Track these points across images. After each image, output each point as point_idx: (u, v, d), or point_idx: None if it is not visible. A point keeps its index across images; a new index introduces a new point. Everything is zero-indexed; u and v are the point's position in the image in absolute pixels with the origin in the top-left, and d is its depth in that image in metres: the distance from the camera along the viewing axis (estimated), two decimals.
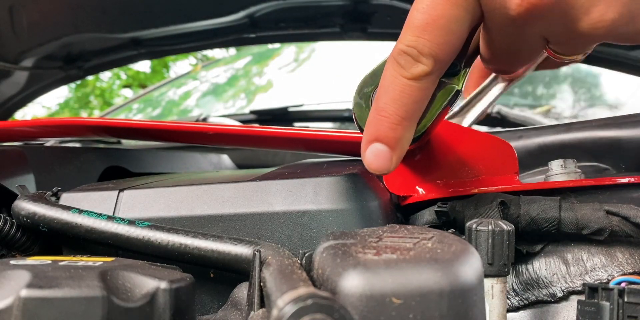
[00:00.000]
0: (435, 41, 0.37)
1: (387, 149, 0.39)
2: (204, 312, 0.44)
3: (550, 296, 0.45)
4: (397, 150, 0.40)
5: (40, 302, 0.28)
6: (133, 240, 0.42)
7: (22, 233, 0.46)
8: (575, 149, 0.56)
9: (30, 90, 1.43)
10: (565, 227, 0.45)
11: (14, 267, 0.31)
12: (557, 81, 1.82)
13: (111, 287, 0.30)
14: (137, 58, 1.50)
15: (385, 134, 0.39)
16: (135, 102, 2.15)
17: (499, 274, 0.38)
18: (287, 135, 0.55)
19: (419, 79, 0.38)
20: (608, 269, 0.45)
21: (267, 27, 1.35)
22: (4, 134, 0.69)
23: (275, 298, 0.27)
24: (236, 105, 2.07)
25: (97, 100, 6.94)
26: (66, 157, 0.62)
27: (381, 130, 0.39)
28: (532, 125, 0.92)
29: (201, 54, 5.79)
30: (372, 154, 0.40)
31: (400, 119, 0.39)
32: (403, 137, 0.39)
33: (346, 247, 0.31)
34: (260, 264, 0.35)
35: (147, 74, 6.85)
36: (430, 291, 0.26)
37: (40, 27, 1.23)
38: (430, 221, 0.49)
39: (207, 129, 0.57)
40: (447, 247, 0.30)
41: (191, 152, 0.95)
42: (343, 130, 0.54)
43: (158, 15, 1.30)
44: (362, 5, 1.26)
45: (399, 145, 0.39)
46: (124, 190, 0.48)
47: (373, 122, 0.40)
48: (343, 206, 0.44)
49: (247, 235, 0.44)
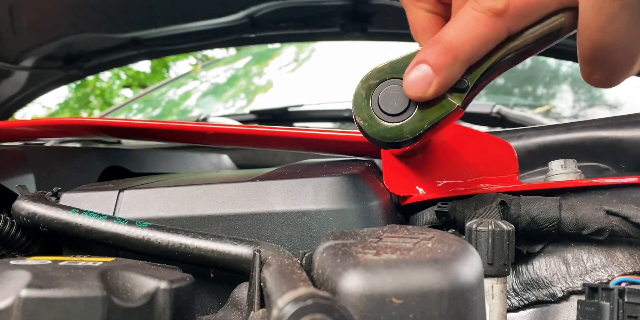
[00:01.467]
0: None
1: (432, 72, 0.39)
2: (204, 312, 0.44)
3: (550, 296, 0.45)
4: (440, 76, 0.39)
5: (40, 302, 0.28)
6: (133, 240, 0.42)
7: (22, 233, 0.46)
8: (575, 149, 0.56)
9: (30, 90, 1.43)
10: (565, 227, 0.45)
11: (14, 267, 0.31)
12: (557, 81, 1.82)
13: (111, 287, 0.30)
14: (137, 58, 1.50)
15: (435, 56, 0.39)
16: (135, 102, 2.15)
17: (499, 274, 0.38)
18: (287, 135, 0.55)
19: (488, 14, 0.38)
20: (608, 269, 0.45)
21: (267, 27, 1.35)
22: (4, 134, 0.69)
23: (275, 298, 0.27)
24: (236, 105, 2.07)
25: (97, 100, 6.94)
26: (66, 157, 0.62)
27: (433, 53, 0.39)
28: (532, 125, 0.92)
29: (201, 54, 5.80)
30: (414, 74, 0.39)
31: (455, 47, 0.39)
32: (451, 66, 0.39)
33: (346, 247, 0.31)
34: (261, 264, 0.35)
35: (147, 74, 6.85)
36: (430, 291, 0.26)
37: (40, 27, 1.23)
38: (430, 221, 0.49)
39: (207, 129, 0.57)
40: (447, 247, 0.30)
41: (191, 152, 0.95)
42: (343, 130, 0.54)
43: (158, 15, 1.30)
44: (362, 5, 1.26)
45: (444, 72, 0.39)
46: (124, 190, 0.48)
47: (428, 45, 0.40)
48: (343, 206, 0.44)
49: (247, 235, 0.44)
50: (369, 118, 0.42)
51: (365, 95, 0.42)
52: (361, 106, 0.42)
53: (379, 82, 0.42)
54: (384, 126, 0.41)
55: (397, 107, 0.41)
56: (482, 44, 0.39)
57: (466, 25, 0.39)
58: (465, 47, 0.39)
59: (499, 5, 0.38)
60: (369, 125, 0.42)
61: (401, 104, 0.41)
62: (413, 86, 0.40)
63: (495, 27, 0.38)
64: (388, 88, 0.42)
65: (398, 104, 0.41)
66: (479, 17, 0.38)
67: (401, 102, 0.41)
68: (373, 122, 0.41)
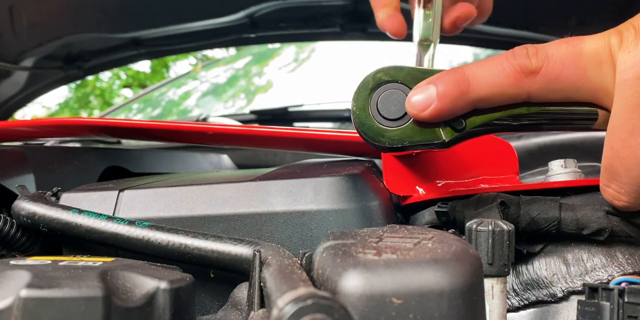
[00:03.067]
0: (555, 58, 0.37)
1: (435, 96, 0.39)
2: (204, 312, 0.44)
3: (550, 296, 0.45)
4: (441, 104, 0.39)
5: (40, 302, 0.28)
6: (133, 240, 0.42)
7: (22, 233, 0.46)
8: (575, 149, 0.56)
9: (30, 90, 1.43)
10: (565, 227, 0.45)
11: (14, 267, 0.31)
12: None
13: (111, 287, 0.30)
14: (137, 58, 1.50)
15: (446, 84, 0.39)
16: (135, 102, 2.15)
17: (499, 274, 0.38)
18: (287, 135, 0.55)
19: (517, 69, 0.38)
20: (608, 269, 0.45)
21: (267, 27, 1.35)
22: (4, 134, 0.69)
23: (275, 298, 0.27)
24: (236, 105, 2.07)
25: (97, 100, 6.94)
26: (66, 157, 0.62)
27: (446, 80, 0.39)
28: None
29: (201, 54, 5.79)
30: (420, 92, 0.40)
31: (468, 83, 0.38)
32: (455, 99, 0.39)
33: (346, 247, 0.31)
34: (260, 264, 0.35)
35: (147, 74, 6.85)
36: (430, 291, 0.26)
37: (40, 27, 1.23)
38: (430, 221, 0.49)
39: (207, 129, 0.57)
40: (447, 247, 0.30)
41: (191, 152, 0.95)
42: (343, 130, 0.54)
43: (158, 15, 1.30)
44: (362, 5, 1.26)
45: (446, 101, 0.39)
46: (124, 190, 0.48)
47: (449, 71, 0.40)
48: (343, 206, 0.44)
49: (247, 235, 0.44)
50: (366, 121, 0.42)
51: (365, 97, 0.42)
52: (359, 108, 0.42)
53: (379, 85, 0.42)
54: (380, 130, 0.42)
55: (395, 113, 0.42)
56: (495, 93, 0.39)
57: (490, 69, 0.38)
58: (478, 87, 0.38)
59: (531, 65, 0.37)
60: (366, 128, 0.42)
61: (398, 112, 0.42)
62: (414, 101, 0.40)
63: (517, 84, 0.38)
64: (389, 92, 0.42)
65: (396, 109, 0.42)
66: (507, 68, 0.38)
67: (399, 109, 0.42)
68: (369, 125, 0.42)
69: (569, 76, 0.37)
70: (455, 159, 0.50)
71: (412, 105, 0.40)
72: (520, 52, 0.38)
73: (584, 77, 0.37)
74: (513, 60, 0.38)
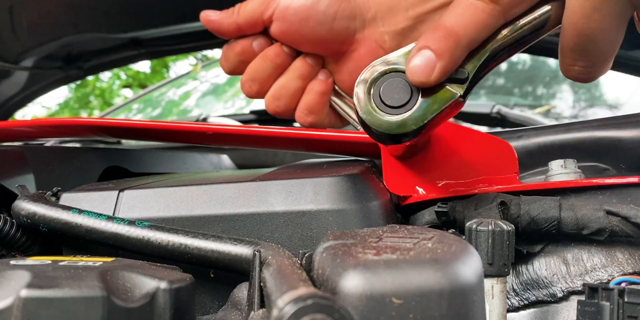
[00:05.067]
0: None
1: (434, 57, 0.40)
2: (204, 312, 0.44)
3: (550, 296, 0.45)
4: (444, 60, 0.40)
5: (40, 302, 0.28)
6: (133, 240, 0.42)
7: (22, 233, 0.46)
8: (575, 149, 0.56)
9: (30, 90, 1.43)
10: (565, 227, 0.45)
11: (14, 267, 0.31)
12: (557, 81, 1.82)
13: (111, 287, 0.30)
14: (137, 58, 1.50)
15: (436, 42, 0.40)
16: (135, 102, 2.14)
17: (499, 274, 0.38)
18: (287, 135, 0.55)
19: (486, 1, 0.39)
20: (608, 269, 0.45)
21: None
22: (4, 134, 0.69)
23: (275, 298, 0.27)
24: (236, 105, 2.07)
25: (97, 100, 6.94)
26: (66, 157, 0.62)
27: (434, 39, 0.40)
28: (532, 125, 0.92)
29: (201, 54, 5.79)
30: (417, 60, 0.40)
31: (455, 32, 0.40)
32: (454, 51, 0.40)
33: (346, 247, 0.31)
34: (261, 264, 0.35)
35: (147, 74, 6.85)
36: (430, 291, 0.26)
37: (40, 27, 1.23)
38: (430, 221, 0.49)
39: (207, 129, 0.57)
40: (447, 247, 0.30)
41: (191, 152, 0.95)
42: (343, 130, 0.54)
43: (158, 15, 1.30)
44: None
45: (447, 56, 0.40)
46: (124, 190, 0.48)
47: (429, 32, 0.41)
48: (343, 206, 0.44)
49: (247, 235, 0.44)
50: (371, 111, 0.42)
51: (367, 89, 0.42)
52: (363, 100, 0.42)
53: (380, 76, 0.42)
54: (386, 119, 0.41)
55: (399, 100, 0.41)
56: (481, 29, 0.40)
57: (465, 12, 0.40)
58: (465, 31, 0.40)
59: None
60: (372, 119, 0.41)
61: (403, 96, 0.41)
62: (417, 71, 0.40)
63: (493, 13, 0.40)
64: (389, 81, 0.42)
65: (400, 96, 0.41)
66: (477, 4, 0.40)
67: (403, 94, 0.41)
68: (376, 116, 0.41)
69: None
70: (455, 159, 0.50)
71: (416, 74, 0.40)
72: None
73: None
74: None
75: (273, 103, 0.56)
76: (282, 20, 0.52)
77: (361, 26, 0.53)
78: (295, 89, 0.55)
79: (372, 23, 0.52)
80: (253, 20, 0.54)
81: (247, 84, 0.56)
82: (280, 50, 0.55)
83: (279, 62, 0.55)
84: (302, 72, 0.55)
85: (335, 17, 0.52)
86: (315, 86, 0.55)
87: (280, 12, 0.52)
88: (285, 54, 0.55)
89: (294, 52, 0.55)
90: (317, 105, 0.55)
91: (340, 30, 0.52)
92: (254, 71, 0.55)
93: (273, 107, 0.57)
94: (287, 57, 0.55)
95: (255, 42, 0.55)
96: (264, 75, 0.55)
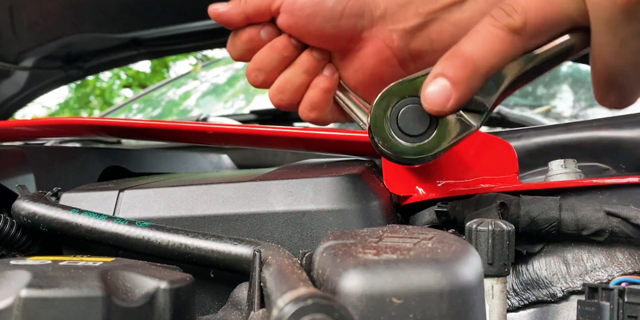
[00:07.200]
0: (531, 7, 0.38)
1: (450, 86, 0.39)
2: (204, 312, 0.44)
3: (550, 296, 0.45)
4: (460, 90, 0.39)
5: (40, 302, 0.28)
6: (133, 240, 0.42)
7: (22, 233, 0.46)
8: (575, 149, 0.56)
9: (30, 90, 1.43)
10: (565, 228, 0.45)
11: (14, 267, 0.31)
12: (557, 81, 1.82)
13: (111, 287, 0.30)
14: (137, 58, 1.50)
15: (454, 70, 0.39)
16: (135, 102, 2.15)
17: (499, 274, 0.38)
18: (287, 135, 0.55)
19: (506, 30, 0.38)
20: (608, 269, 0.45)
21: None
22: (4, 134, 0.69)
23: (275, 298, 0.27)
24: (236, 106, 2.07)
25: (97, 100, 6.94)
26: (66, 157, 0.62)
27: (451, 67, 0.39)
28: (532, 125, 0.92)
29: (201, 54, 5.79)
30: (432, 88, 0.39)
31: (473, 61, 0.39)
32: (470, 80, 0.39)
33: (346, 247, 0.31)
34: (261, 264, 0.35)
35: (147, 74, 6.85)
36: (431, 291, 0.26)
37: (40, 27, 1.23)
38: (430, 221, 0.49)
39: (207, 129, 0.57)
40: (447, 247, 0.30)
41: (191, 152, 0.95)
42: (343, 130, 0.54)
43: (158, 15, 1.30)
44: None
45: (463, 86, 0.39)
46: (124, 190, 0.48)
47: (445, 59, 0.40)
48: (343, 206, 0.44)
49: (247, 235, 0.44)
50: (388, 139, 0.41)
51: (384, 114, 0.41)
52: (379, 127, 0.42)
53: (398, 101, 0.41)
54: (403, 146, 0.41)
55: (417, 128, 0.41)
56: (500, 59, 0.39)
57: (484, 40, 0.39)
58: (484, 61, 0.39)
59: (516, 23, 0.38)
60: (389, 146, 0.41)
61: (421, 125, 0.41)
62: (432, 100, 0.39)
63: (513, 43, 0.39)
64: (407, 107, 0.41)
65: (417, 125, 0.41)
66: (497, 33, 0.39)
67: (421, 122, 0.41)
68: (392, 143, 0.41)
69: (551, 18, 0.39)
70: (455, 159, 0.50)
71: (431, 102, 0.39)
72: (500, 14, 0.39)
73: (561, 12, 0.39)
74: (499, 24, 0.39)
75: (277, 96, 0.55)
76: (289, 13, 0.52)
77: (369, 24, 0.52)
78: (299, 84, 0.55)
79: (380, 21, 0.51)
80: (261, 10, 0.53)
81: (253, 73, 0.55)
82: (288, 42, 0.54)
83: (286, 55, 0.54)
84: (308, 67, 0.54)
85: (342, 14, 0.51)
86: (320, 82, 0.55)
87: (288, 5, 0.51)
88: (292, 46, 0.54)
89: (301, 45, 0.54)
90: (320, 102, 0.55)
91: (347, 27, 0.51)
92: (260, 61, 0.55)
93: (276, 101, 0.56)
94: (294, 50, 0.54)
95: (263, 31, 0.54)
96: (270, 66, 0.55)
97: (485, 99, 0.41)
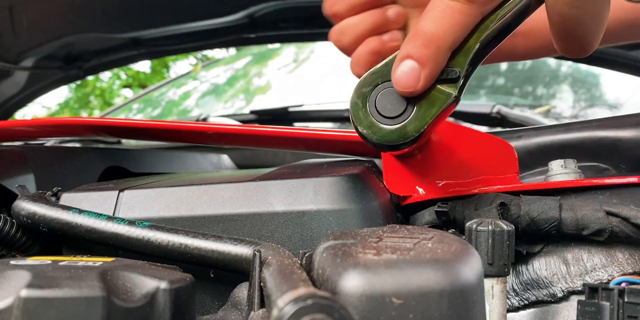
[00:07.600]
0: None
1: (418, 65, 0.39)
2: (204, 312, 0.44)
3: (550, 296, 0.45)
4: (427, 68, 0.39)
5: (40, 302, 0.28)
6: (133, 240, 0.42)
7: (22, 233, 0.46)
8: (575, 149, 0.56)
9: (30, 90, 1.43)
10: (565, 228, 0.45)
11: (14, 267, 0.31)
12: (557, 81, 1.82)
13: (111, 287, 0.30)
14: (137, 58, 1.50)
15: (417, 50, 0.39)
16: (135, 102, 2.15)
17: (499, 274, 0.38)
18: (287, 135, 0.55)
19: (461, 1, 0.39)
20: (608, 269, 0.45)
21: (267, 27, 1.35)
22: (4, 134, 0.69)
23: (275, 298, 0.27)
24: (236, 106, 2.07)
25: (97, 100, 6.94)
26: (66, 157, 0.62)
27: (415, 47, 0.39)
28: (532, 125, 0.92)
29: (201, 54, 5.79)
30: (401, 70, 0.40)
31: (435, 37, 0.39)
32: (436, 56, 0.39)
33: (346, 247, 0.31)
34: (261, 264, 0.35)
35: (147, 74, 6.85)
36: (431, 291, 0.26)
37: (40, 27, 1.23)
38: (430, 221, 0.49)
39: (207, 129, 0.57)
40: (447, 247, 0.30)
41: (191, 152, 0.95)
42: (343, 130, 0.54)
43: (158, 15, 1.30)
44: None
45: (430, 63, 0.39)
46: (124, 190, 0.48)
47: (408, 40, 0.40)
48: (343, 206, 0.44)
49: (247, 235, 0.44)
50: (370, 125, 0.42)
51: (362, 103, 0.42)
52: (360, 115, 0.42)
53: (372, 88, 0.42)
54: (386, 130, 0.41)
55: (396, 109, 0.41)
56: (460, 30, 0.40)
57: (442, 15, 0.39)
58: (445, 35, 0.39)
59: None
60: (372, 132, 0.42)
61: (399, 106, 0.41)
62: (402, 82, 0.40)
63: (470, 12, 0.39)
64: (383, 92, 0.42)
65: (395, 106, 0.41)
66: (453, 5, 0.39)
67: (398, 103, 0.41)
68: (375, 129, 0.42)
69: None
70: (455, 159, 0.50)
71: (404, 85, 0.40)
72: None
73: None
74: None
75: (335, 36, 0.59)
76: None
77: None
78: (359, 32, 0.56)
79: None
80: None
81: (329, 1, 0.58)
82: None
83: None
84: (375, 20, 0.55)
85: None
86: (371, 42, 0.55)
87: None
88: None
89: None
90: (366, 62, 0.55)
91: None
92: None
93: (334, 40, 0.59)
94: None
95: None
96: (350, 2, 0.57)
97: (457, 67, 0.41)
